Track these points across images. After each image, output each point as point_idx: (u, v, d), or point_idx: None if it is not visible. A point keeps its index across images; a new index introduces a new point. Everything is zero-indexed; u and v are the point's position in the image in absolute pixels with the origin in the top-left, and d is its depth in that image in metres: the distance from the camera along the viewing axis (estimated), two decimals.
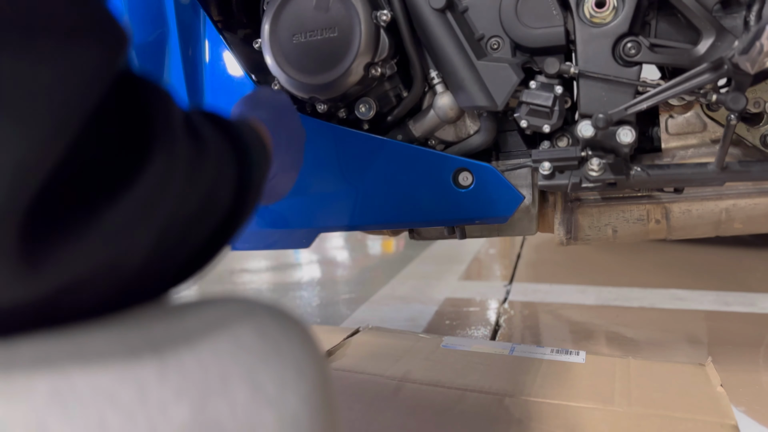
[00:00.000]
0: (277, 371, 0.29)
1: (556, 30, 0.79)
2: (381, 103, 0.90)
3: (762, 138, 0.82)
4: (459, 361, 0.99)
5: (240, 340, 0.29)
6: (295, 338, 0.31)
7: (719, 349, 1.14)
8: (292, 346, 0.30)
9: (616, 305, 1.49)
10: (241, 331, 0.29)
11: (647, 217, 0.93)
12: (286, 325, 0.31)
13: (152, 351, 0.26)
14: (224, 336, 0.29)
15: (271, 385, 0.28)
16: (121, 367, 0.25)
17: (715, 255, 1.97)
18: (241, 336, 0.29)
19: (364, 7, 0.81)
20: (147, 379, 0.25)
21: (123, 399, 0.24)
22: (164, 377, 0.26)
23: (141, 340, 0.27)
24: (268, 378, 0.28)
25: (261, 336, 0.30)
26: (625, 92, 0.77)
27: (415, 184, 0.89)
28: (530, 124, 0.82)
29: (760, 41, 0.60)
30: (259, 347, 0.29)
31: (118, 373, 0.25)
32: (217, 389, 0.27)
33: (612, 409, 0.81)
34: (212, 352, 0.28)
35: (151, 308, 0.29)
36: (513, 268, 2.00)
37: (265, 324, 0.31)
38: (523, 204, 0.89)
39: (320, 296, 1.82)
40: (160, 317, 0.29)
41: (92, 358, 0.25)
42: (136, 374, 0.25)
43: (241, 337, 0.29)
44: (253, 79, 0.94)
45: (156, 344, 0.27)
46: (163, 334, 0.27)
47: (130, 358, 0.25)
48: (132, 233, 0.26)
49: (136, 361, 0.25)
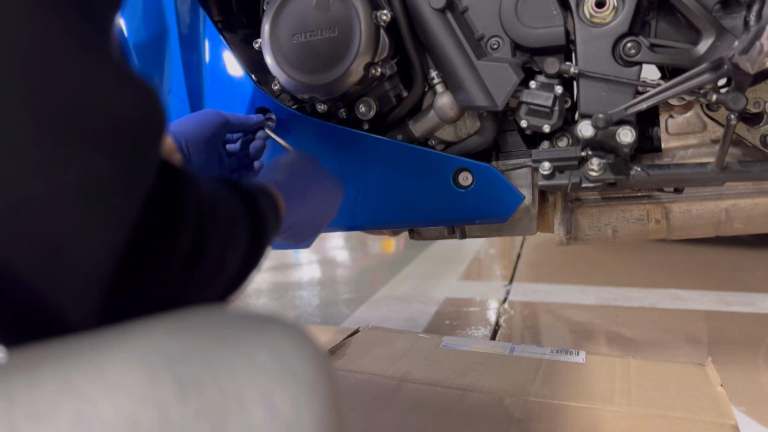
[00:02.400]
0: (292, 392, 0.29)
1: (556, 30, 0.79)
2: (381, 103, 0.90)
3: (762, 138, 0.82)
4: (459, 361, 0.99)
5: (255, 361, 0.29)
6: (309, 357, 0.32)
7: (719, 349, 1.14)
8: (306, 366, 0.31)
9: (616, 305, 1.49)
10: (256, 350, 0.30)
11: (647, 217, 0.93)
12: (300, 344, 0.32)
13: (171, 372, 0.27)
14: (240, 356, 0.29)
15: (286, 406, 0.29)
16: (143, 390, 0.26)
17: (715, 255, 1.97)
18: (256, 356, 0.30)
19: (364, 7, 0.81)
20: (167, 402, 0.26)
21: (144, 422, 0.25)
22: (183, 400, 0.26)
23: (160, 359, 0.27)
24: (283, 399, 0.29)
25: (275, 356, 0.30)
26: (625, 92, 0.77)
27: (415, 184, 0.89)
28: (530, 124, 0.82)
29: (760, 41, 0.60)
30: (273, 367, 0.30)
31: (140, 396, 0.25)
32: (235, 411, 0.27)
33: (612, 409, 0.81)
34: (229, 373, 0.28)
35: (167, 324, 0.30)
36: (513, 268, 2.00)
37: (279, 343, 0.31)
38: (523, 204, 0.89)
39: (320, 296, 1.82)
40: (177, 335, 0.29)
41: (114, 380, 0.25)
42: (156, 397, 0.26)
43: (257, 358, 0.29)
44: (253, 79, 0.94)
45: (174, 364, 0.27)
46: (181, 354, 0.28)
47: (150, 380, 0.26)
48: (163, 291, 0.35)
49: (156, 384, 0.26)
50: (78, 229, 0.28)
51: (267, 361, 0.30)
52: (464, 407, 0.83)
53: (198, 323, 0.30)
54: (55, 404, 0.24)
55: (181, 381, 0.27)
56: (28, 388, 0.24)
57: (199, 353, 0.28)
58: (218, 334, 0.30)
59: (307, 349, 0.32)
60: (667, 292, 1.57)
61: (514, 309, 1.51)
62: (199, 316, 0.31)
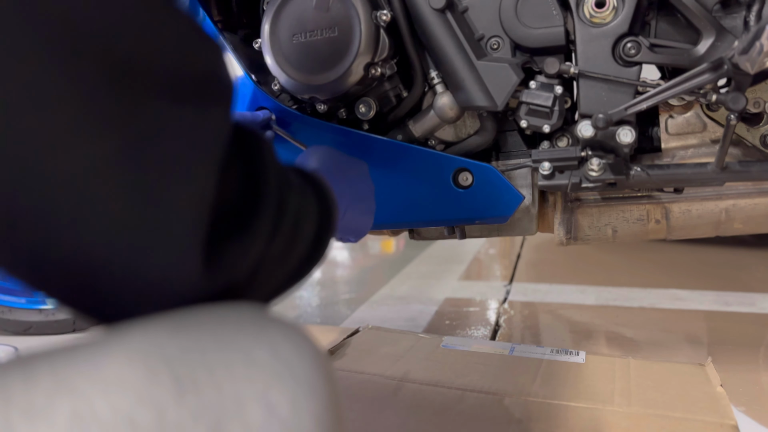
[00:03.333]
0: (290, 391, 0.29)
1: (556, 30, 0.79)
2: (381, 103, 0.90)
3: (762, 138, 0.82)
4: (459, 361, 0.99)
5: (253, 360, 0.29)
6: (307, 356, 0.31)
7: (719, 349, 1.14)
8: (304, 365, 0.31)
9: (616, 305, 1.49)
10: (255, 350, 0.30)
11: (647, 217, 0.93)
12: (298, 344, 0.32)
13: (169, 371, 0.27)
14: (238, 356, 0.29)
15: (285, 406, 0.28)
16: (140, 389, 0.25)
17: (715, 255, 1.97)
18: (255, 355, 0.29)
19: (364, 7, 0.81)
20: (165, 402, 0.26)
21: (142, 422, 0.25)
22: (181, 399, 0.26)
23: (158, 358, 0.27)
24: (282, 398, 0.29)
25: (274, 355, 0.30)
26: (625, 92, 0.77)
27: (415, 184, 0.89)
28: (530, 124, 0.82)
29: (760, 41, 0.60)
30: (272, 367, 0.29)
31: (137, 395, 0.25)
32: (233, 411, 0.27)
33: (612, 409, 0.81)
34: (227, 373, 0.28)
35: (165, 323, 0.29)
36: (513, 268, 2.00)
37: (277, 342, 0.31)
38: (523, 204, 0.89)
39: (320, 296, 1.82)
40: (175, 334, 0.29)
41: (112, 379, 0.25)
42: (154, 396, 0.25)
43: (255, 357, 0.29)
44: (253, 79, 0.94)
45: (172, 364, 0.27)
46: (179, 354, 0.28)
47: (148, 379, 0.26)
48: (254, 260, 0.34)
49: (154, 383, 0.26)
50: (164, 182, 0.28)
51: (265, 360, 0.29)
52: (464, 407, 0.83)
53: (196, 322, 0.30)
54: (52, 403, 0.24)
55: (178, 380, 0.26)
56: (25, 387, 0.24)
57: (197, 353, 0.28)
58: (216, 333, 0.30)
59: (305, 348, 0.32)
60: (667, 292, 1.57)
61: (514, 309, 1.51)
62: (197, 315, 0.30)
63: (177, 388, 0.26)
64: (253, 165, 0.35)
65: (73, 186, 0.26)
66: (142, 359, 0.27)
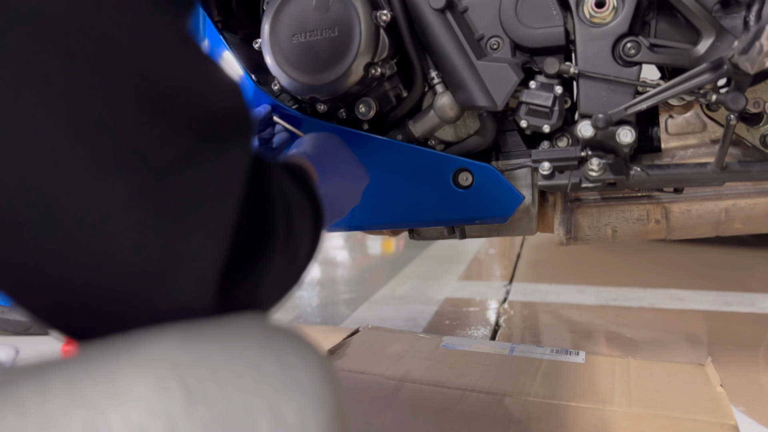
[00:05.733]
0: (298, 401, 0.29)
1: (556, 30, 0.79)
2: (381, 103, 0.90)
3: (762, 138, 0.82)
4: (459, 361, 0.99)
5: (262, 371, 0.29)
6: (315, 367, 0.32)
7: (719, 349, 1.14)
8: (312, 375, 0.31)
9: (616, 305, 1.49)
10: (263, 361, 0.30)
11: (647, 217, 0.93)
12: (305, 354, 0.32)
13: (180, 382, 0.27)
14: (247, 366, 0.29)
15: (293, 416, 0.29)
16: (152, 399, 0.26)
17: (715, 255, 1.97)
18: (263, 366, 0.30)
19: (364, 7, 0.81)
20: (175, 412, 0.26)
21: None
22: (191, 410, 0.26)
23: (169, 369, 0.27)
24: (290, 409, 0.29)
25: (281, 365, 0.30)
26: (625, 92, 0.77)
27: (415, 184, 0.89)
28: (530, 124, 0.82)
29: (759, 41, 0.60)
30: (280, 377, 0.30)
31: (149, 406, 0.26)
32: (242, 421, 0.27)
33: (612, 409, 0.81)
34: (236, 383, 0.28)
35: (175, 334, 0.30)
36: (513, 268, 2.00)
37: (285, 352, 0.31)
38: (523, 204, 0.89)
39: (320, 296, 1.82)
40: (185, 345, 0.29)
41: (124, 390, 0.26)
42: (165, 407, 0.26)
43: (263, 367, 0.30)
44: (253, 79, 0.94)
45: (182, 375, 0.27)
46: (189, 364, 0.28)
47: (159, 390, 0.26)
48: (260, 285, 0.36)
49: (165, 394, 0.26)
50: (188, 206, 0.29)
51: (273, 371, 0.30)
52: (464, 407, 0.83)
53: (205, 333, 0.30)
54: (66, 415, 0.24)
55: (189, 391, 0.27)
56: (39, 399, 0.24)
57: (206, 364, 0.28)
58: (225, 344, 0.30)
59: (312, 359, 0.32)
60: (667, 292, 1.57)
61: (514, 309, 1.51)
62: (207, 326, 0.31)
63: (188, 400, 0.26)
64: (262, 193, 0.36)
65: (99, 222, 0.27)
66: (153, 370, 0.27)
